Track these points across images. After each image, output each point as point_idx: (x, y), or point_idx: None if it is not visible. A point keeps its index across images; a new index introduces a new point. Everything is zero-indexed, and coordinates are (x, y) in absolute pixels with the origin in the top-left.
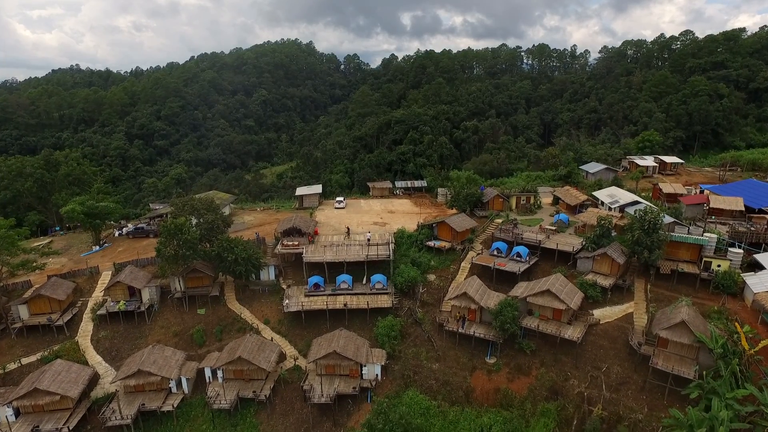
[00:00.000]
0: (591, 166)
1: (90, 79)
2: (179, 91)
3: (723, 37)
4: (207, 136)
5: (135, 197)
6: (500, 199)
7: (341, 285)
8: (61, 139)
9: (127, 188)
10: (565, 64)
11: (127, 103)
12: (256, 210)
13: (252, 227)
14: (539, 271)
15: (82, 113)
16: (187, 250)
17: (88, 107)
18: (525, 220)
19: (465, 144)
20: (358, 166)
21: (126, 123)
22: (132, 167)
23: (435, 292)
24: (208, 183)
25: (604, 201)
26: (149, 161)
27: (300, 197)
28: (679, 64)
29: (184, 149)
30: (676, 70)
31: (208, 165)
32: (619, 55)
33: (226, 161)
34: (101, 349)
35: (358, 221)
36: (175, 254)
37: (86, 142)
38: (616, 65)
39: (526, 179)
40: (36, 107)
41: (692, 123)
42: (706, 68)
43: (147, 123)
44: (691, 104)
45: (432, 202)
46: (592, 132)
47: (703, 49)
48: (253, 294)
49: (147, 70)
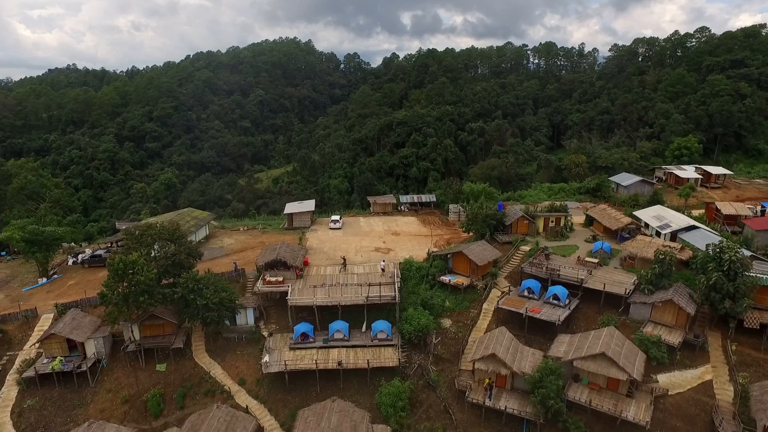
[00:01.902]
0: (623, 177)
1: (85, 78)
2: (173, 91)
3: (742, 34)
4: (201, 137)
5: (122, 204)
6: (525, 221)
7: (335, 335)
8: (48, 141)
9: (115, 193)
10: (573, 63)
11: (119, 104)
12: (239, 230)
13: (231, 254)
14: (581, 317)
15: (71, 114)
16: (140, 295)
17: (78, 108)
18: (556, 247)
19: (470, 147)
20: (358, 170)
21: (116, 124)
22: (121, 171)
23: (451, 343)
24: (200, 188)
25: (649, 224)
26: (140, 164)
27: (289, 215)
28: (696, 63)
29: (176, 152)
30: (692, 69)
31: (202, 168)
32: (630, 53)
33: (221, 164)
34: (23, 426)
35: (356, 246)
36: (125, 300)
37: (74, 145)
38: (628, 64)
39: (548, 192)
40: (23, 108)
41: (713, 125)
42: (725, 67)
43: (138, 124)
44: (712, 105)
45: (442, 220)
46: (604, 134)
47: (721, 47)
48: (226, 344)
49: (143, 70)
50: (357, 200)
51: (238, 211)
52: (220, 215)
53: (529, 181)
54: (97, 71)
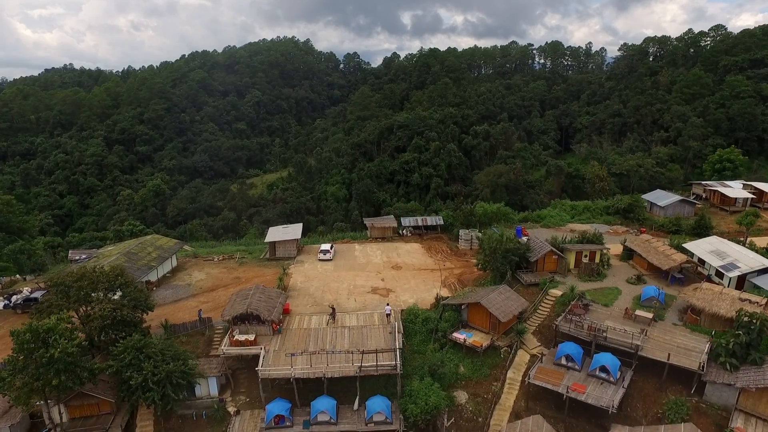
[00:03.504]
0: (658, 195)
1: (80, 78)
2: (165, 92)
3: (761, 32)
4: (194, 140)
5: (108, 211)
6: (554, 255)
7: (319, 416)
8: (35, 144)
9: (102, 200)
10: (580, 63)
11: (109, 105)
12: (213, 260)
13: (200, 293)
14: (636, 394)
15: (59, 116)
16: (55, 376)
17: (66, 109)
18: (593, 291)
19: (475, 151)
20: (357, 176)
21: (106, 127)
22: (109, 176)
23: (468, 426)
24: (189, 196)
25: (706, 261)
26: (129, 169)
27: (272, 244)
28: (711, 63)
29: (167, 156)
30: (707, 69)
31: (194, 173)
32: (640, 53)
33: (214, 169)
34: None
35: (349, 285)
36: (36, 380)
37: (60, 148)
38: (638, 64)
39: (570, 212)
40: (9, 109)
41: (734, 128)
42: (744, 66)
43: (129, 127)
44: (733, 107)
45: (451, 248)
46: (616, 138)
47: (738, 46)
48: (182, 424)
49: (139, 70)
50: (355, 209)
51: (228, 221)
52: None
53: (539, 188)
54: (92, 71)
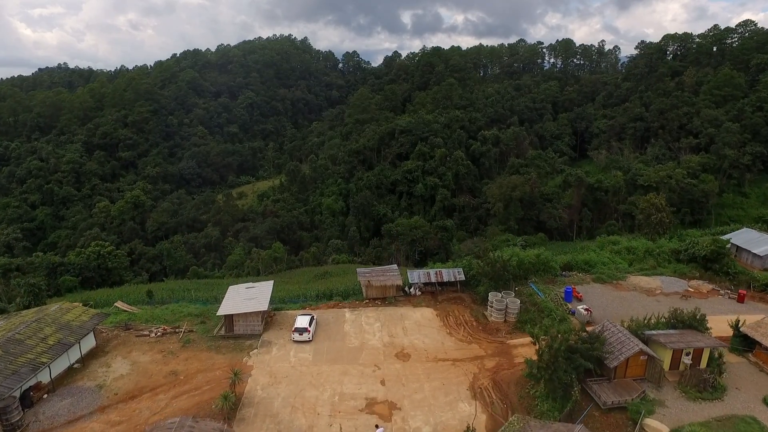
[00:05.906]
0: (748, 237)
1: (70, 78)
2: (152, 93)
3: None
4: (181, 145)
5: (82, 225)
6: (642, 356)
7: None
8: (9, 149)
9: (78, 211)
10: (592, 63)
11: (92, 107)
12: (149, 336)
13: (111, 405)
14: None
15: (37, 118)
16: None
17: (46, 112)
18: (711, 423)
19: (484, 159)
20: (355, 186)
21: (87, 130)
22: (87, 184)
23: None
24: (171, 209)
25: None
26: (111, 176)
27: (228, 318)
28: (741, 61)
29: (151, 162)
30: (737, 68)
31: (180, 181)
32: (658, 51)
33: (202, 176)
34: None
35: (332, 394)
36: None
37: (36, 154)
38: (658, 63)
39: (627, 257)
40: None
41: None
42: None
43: (111, 131)
44: None
45: (477, 317)
46: (639, 144)
47: None
48: None
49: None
50: (353, 224)
51: (211, 239)
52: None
53: (556, 202)
54: (84, 71)
